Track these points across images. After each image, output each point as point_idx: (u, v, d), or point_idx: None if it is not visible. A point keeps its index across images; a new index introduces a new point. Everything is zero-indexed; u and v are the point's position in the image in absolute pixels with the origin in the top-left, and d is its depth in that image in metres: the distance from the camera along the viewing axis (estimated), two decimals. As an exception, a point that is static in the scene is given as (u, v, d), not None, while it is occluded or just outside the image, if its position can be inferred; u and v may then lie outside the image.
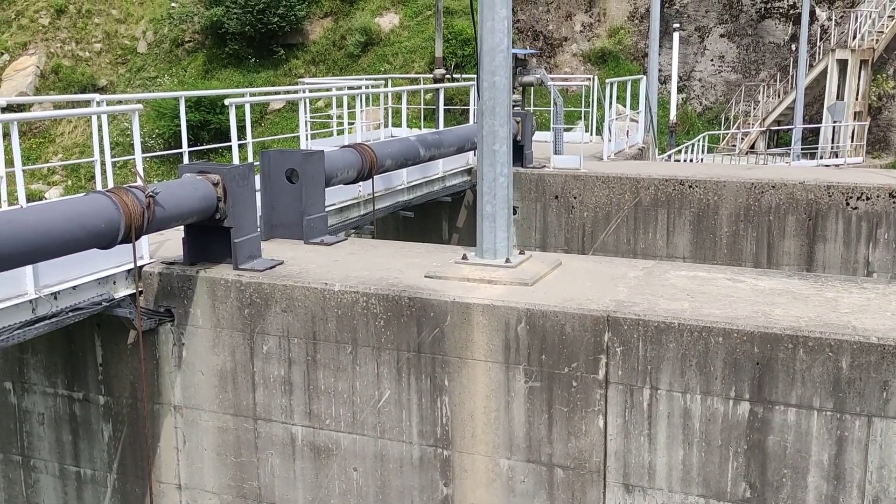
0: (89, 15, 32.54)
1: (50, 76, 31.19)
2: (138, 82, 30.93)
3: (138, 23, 32.62)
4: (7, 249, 5.97)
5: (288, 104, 28.62)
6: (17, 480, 8.85)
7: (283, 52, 30.18)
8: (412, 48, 29.15)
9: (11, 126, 7.26)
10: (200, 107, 26.68)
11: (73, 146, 29.91)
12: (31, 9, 32.64)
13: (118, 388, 8.28)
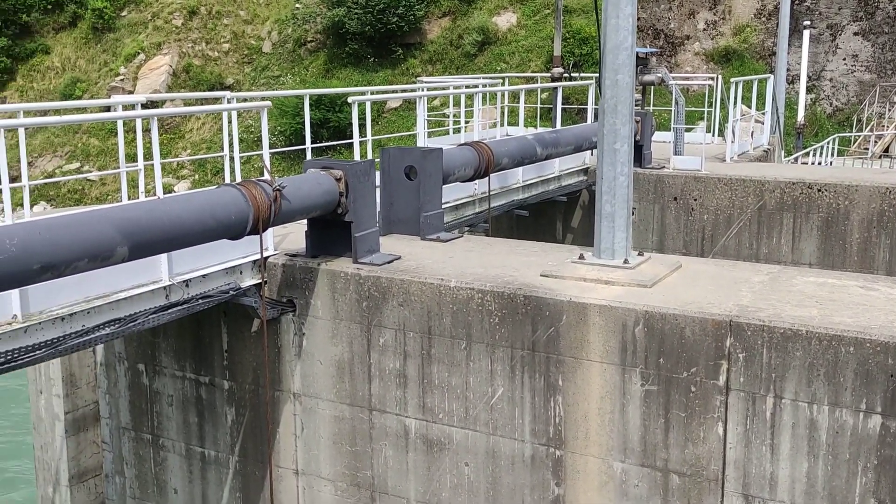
0: (219, 16, 33.89)
1: (181, 75, 32.65)
2: (262, 81, 32.01)
3: (264, 23, 33.76)
4: (146, 238, 6.29)
5: (404, 103, 29.05)
6: (147, 458, 9.33)
7: (401, 52, 30.63)
8: (529, 47, 29.08)
9: (152, 122, 7.66)
10: (321, 105, 27.38)
11: (201, 142, 31.22)
12: (165, 10, 34.27)
13: (241, 374, 8.61)
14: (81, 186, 31.39)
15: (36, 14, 34.95)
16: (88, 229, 5.95)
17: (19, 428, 15.46)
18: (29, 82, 34.47)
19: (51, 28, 35.45)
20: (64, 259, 5.73)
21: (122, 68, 33.01)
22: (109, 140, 31.99)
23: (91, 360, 9.80)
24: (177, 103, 28.51)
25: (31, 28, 35.30)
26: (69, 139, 32.75)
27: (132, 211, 6.35)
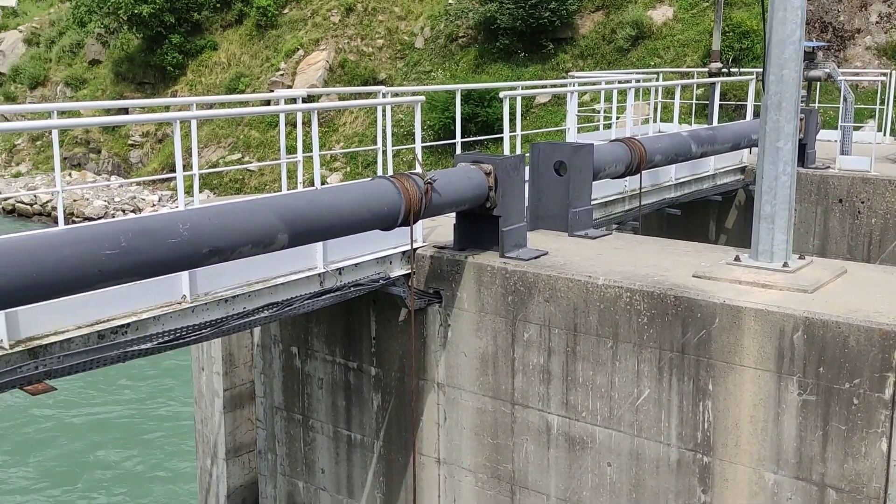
0: (374, 13, 34.78)
1: (337, 70, 33.74)
2: (413, 76, 32.61)
3: (417, 19, 34.36)
4: (305, 226, 6.55)
5: (553, 98, 28.85)
6: (297, 437, 9.72)
7: (551, 47, 30.43)
8: (685, 41, 28.23)
9: (312, 115, 7.96)
10: (470, 100, 27.60)
11: (354, 135, 32.16)
12: (324, 8, 35.49)
13: (388, 362, 8.83)
14: (242, 176, 33.00)
15: (206, 12, 36.99)
16: (253, 217, 6.26)
17: (183, 402, 16.47)
18: (198, 77, 36.54)
19: (219, 26, 37.43)
20: (230, 244, 6.05)
21: (282, 63, 34.45)
22: (268, 132, 33.46)
23: (249, 341, 10.31)
24: (332, 98, 29.50)
25: (201, 26, 37.40)
26: (232, 131, 34.49)
27: (293, 200, 6.63)
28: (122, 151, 37.63)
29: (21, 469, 14.18)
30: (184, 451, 14.53)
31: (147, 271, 5.80)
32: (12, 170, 39.52)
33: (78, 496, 13.45)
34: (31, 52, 42.87)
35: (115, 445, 15.10)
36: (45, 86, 41.73)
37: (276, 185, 30.48)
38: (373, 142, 30.12)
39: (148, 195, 34.19)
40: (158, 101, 8.88)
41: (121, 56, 38.13)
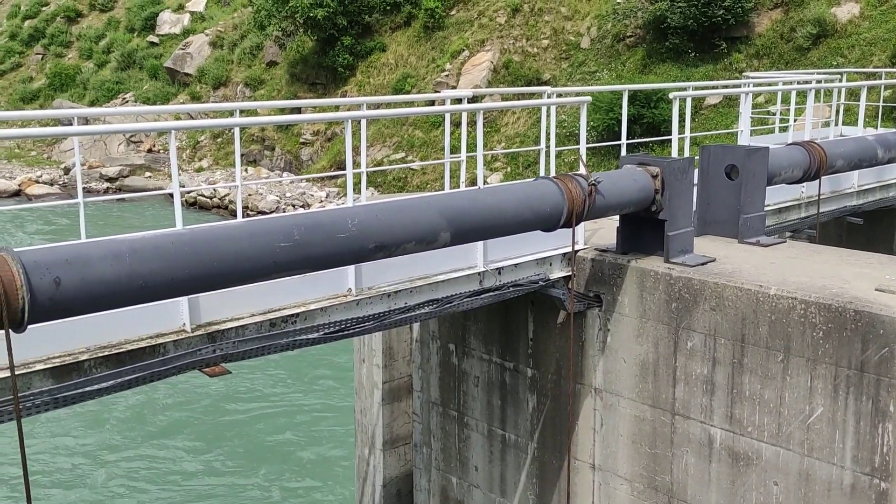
0: (540, 13, 34.69)
1: (501, 70, 33.91)
2: (578, 76, 32.28)
3: (584, 19, 33.99)
4: (467, 225, 6.61)
5: (724, 99, 27.78)
6: (452, 433, 9.85)
7: (724, 46, 29.31)
8: (872, 40, 26.46)
9: (477, 115, 8.02)
10: (635, 101, 27.03)
11: (515, 136, 32.21)
12: (491, 9, 35.75)
13: (544, 364, 8.77)
14: (405, 175, 33.78)
15: (376, 15, 38.13)
16: (417, 214, 6.38)
17: (341, 394, 17.06)
18: (367, 78, 37.73)
19: (388, 28, 38.49)
20: (395, 240, 6.19)
21: (448, 64, 34.98)
22: (432, 132, 34.08)
23: (408, 335, 10.53)
24: (495, 98, 29.66)
25: (371, 28, 38.59)
26: (397, 130, 35.37)
27: (456, 199, 6.70)
28: (294, 149, 39.38)
29: (184, 450, 15.13)
30: (343, 440, 15.05)
31: (317, 264, 6.03)
32: (195, 165, 42.22)
33: (240, 478, 14.21)
34: (216, 54, 45.64)
35: (278, 431, 15.84)
36: (226, 86, 44.31)
37: (438, 184, 31.01)
38: (534, 142, 30.06)
39: (316, 191, 35.63)
40: (329, 101, 9.23)
41: (296, 58, 39.92)
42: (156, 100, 45.21)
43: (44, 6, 56.54)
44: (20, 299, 4.66)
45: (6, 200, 39.72)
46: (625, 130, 10.16)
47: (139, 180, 41.38)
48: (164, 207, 37.19)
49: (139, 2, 52.14)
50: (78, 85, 50.19)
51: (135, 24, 50.89)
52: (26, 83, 52.09)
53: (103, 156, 43.42)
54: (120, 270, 5.06)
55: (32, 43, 54.29)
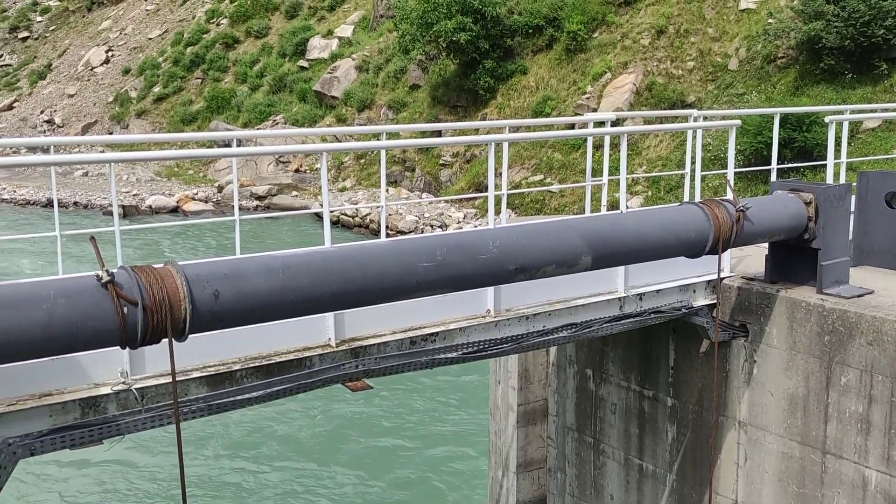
0: (686, 34, 33.98)
1: (644, 93, 33.38)
2: (725, 99, 31.35)
3: (732, 40, 33.03)
4: (609, 249, 6.54)
5: (883, 123, 26.29)
6: (587, 460, 9.71)
7: (885, 67, 27.77)
8: None
9: (621, 138, 7.95)
10: (786, 124, 25.98)
11: (657, 159, 31.58)
12: (634, 31, 35.32)
13: (686, 394, 8.53)
14: (542, 197, 33.71)
15: (518, 38, 38.39)
16: (558, 237, 6.36)
17: (477, 413, 17.12)
18: (507, 100, 37.99)
19: (529, 50, 38.67)
20: (536, 263, 6.20)
21: (589, 87, 34.76)
22: (571, 154, 33.89)
23: (544, 359, 10.48)
24: (637, 121, 29.23)
25: (513, 51, 38.88)
26: (535, 152, 35.38)
27: (598, 223, 6.65)
28: (434, 170, 40.05)
29: (319, 465, 15.53)
30: (475, 460, 15.09)
31: (458, 284, 6.11)
32: (339, 185, 43.63)
33: (370, 493, 14.47)
34: (361, 77, 47.13)
35: (410, 448, 16.06)
36: (370, 108, 45.64)
37: (577, 206, 30.77)
38: (677, 166, 29.38)
39: (454, 212, 36.08)
40: (471, 124, 9.39)
41: (438, 81, 40.67)
42: (304, 122, 47.09)
43: (204, 34, 60.05)
44: (183, 310, 4.96)
45: (166, 216, 42.25)
46: (775, 155, 9.80)
47: (286, 198, 43.12)
48: (309, 224, 38.60)
49: (291, 28, 54.56)
50: (233, 107, 52.92)
51: (286, 50, 53.25)
52: (186, 106, 55.36)
53: (254, 175, 45.55)
54: (273, 285, 5.30)
55: (193, 68, 57.70)
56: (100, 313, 4.72)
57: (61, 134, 58.98)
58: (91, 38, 69.08)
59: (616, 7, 37.02)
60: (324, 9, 55.67)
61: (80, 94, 62.72)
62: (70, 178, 49.45)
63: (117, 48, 65.91)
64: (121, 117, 57.66)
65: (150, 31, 65.76)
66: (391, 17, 46.84)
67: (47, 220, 39.83)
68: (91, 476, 14.82)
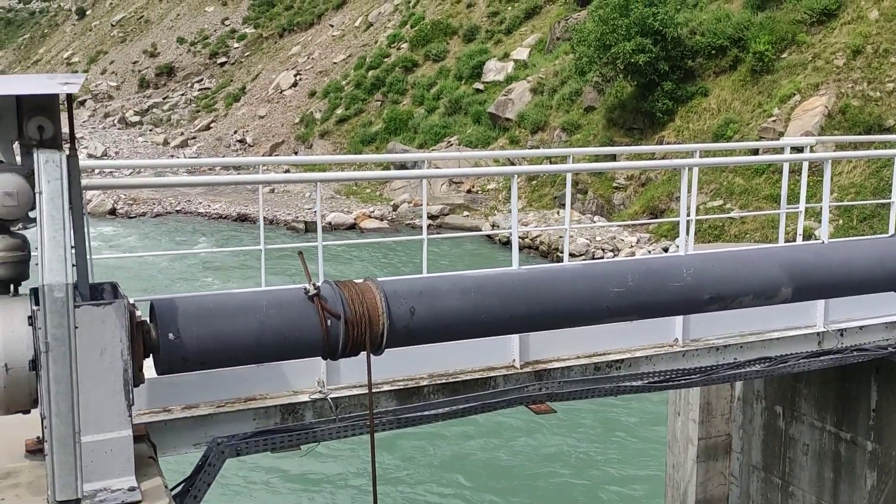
0: (885, 54, 31.89)
1: (836, 116, 31.56)
2: (928, 123, 29.13)
3: (937, 60, 30.70)
4: (811, 281, 6.21)
5: None
6: (773, 501, 9.21)
7: None
8: None
9: (825, 165, 7.54)
10: None
11: (850, 186, 29.74)
12: (827, 51, 33.51)
13: (889, 438, 7.93)
14: (721, 223, 32.51)
15: (700, 59, 37.35)
16: (757, 267, 6.11)
17: (651, 442, 16.65)
18: (685, 123, 36.97)
19: (711, 72, 37.50)
20: (732, 293, 5.98)
21: (776, 109, 33.26)
22: (754, 180, 32.48)
23: (728, 392, 10.06)
24: (828, 146, 27.66)
25: (693, 73, 37.84)
26: (715, 177, 34.18)
27: (801, 253, 6.34)
28: (607, 193, 39.54)
29: (487, 486, 15.54)
30: (650, 493, 14.66)
31: (647, 311, 5.99)
32: (510, 206, 43.90)
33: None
34: (536, 99, 47.32)
35: (581, 475, 15.80)
36: (544, 130, 45.70)
37: (758, 234, 29.44)
38: (872, 194, 27.55)
39: (627, 236, 35.42)
40: (647, 148, 9.19)
41: (614, 103, 40.21)
42: (477, 143, 47.80)
43: (385, 58, 62.31)
44: (381, 325, 5.14)
45: (343, 232, 44.01)
46: None
47: (458, 218, 43.85)
48: (478, 244, 39.03)
49: (468, 52, 55.64)
50: (409, 129, 54.51)
51: (463, 73, 54.33)
52: (366, 127, 57.56)
53: (427, 195, 46.78)
54: (465, 304, 5.39)
55: (374, 91, 59.95)
56: (306, 324, 4.97)
57: (252, 153, 62.78)
58: (281, 63, 73.30)
59: (808, 26, 35.27)
60: (501, 32, 56.42)
61: (270, 116, 66.59)
62: (257, 195, 52.52)
63: (305, 72, 69.57)
64: (305, 137, 60.67)
65: (336, 55, 68.99)
66: (568, 40, 46.84)
67: (234, 233, 42.37)
68: (274, 483, 15.55)
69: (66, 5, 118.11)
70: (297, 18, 78.81)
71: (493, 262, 32.10)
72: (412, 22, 64.13)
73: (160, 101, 77.85)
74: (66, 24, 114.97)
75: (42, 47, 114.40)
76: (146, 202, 49.33)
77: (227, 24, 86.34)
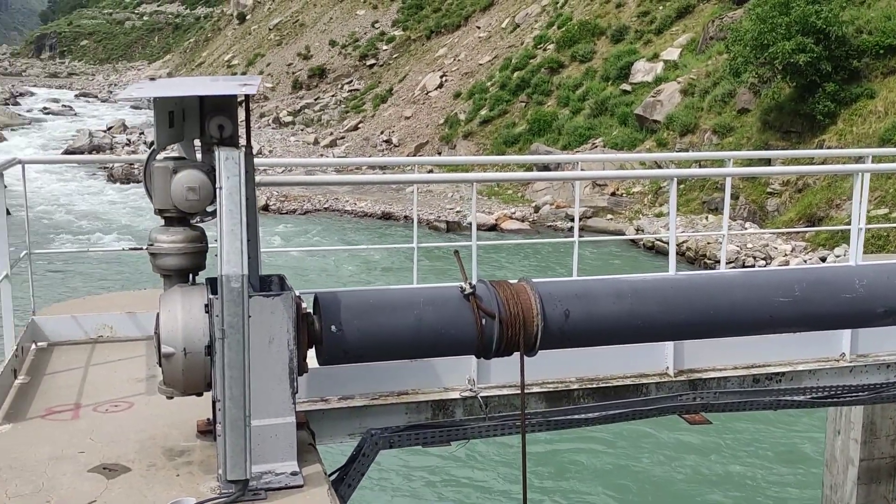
0: None
1: None
2: None
3: None
4: None
5: None
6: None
7: None
8: None
9: None
10: None
11: None
12: None
13: None
14: (886, 234, 30.62)
15: (867, 59, 35.27)
16: (939, 280, 5.70)
17: (805, 459, 15.89)
18: (849, 126, 34.99)
19: (879, 73, 35.34)
20: (909, 307, 5.61)
21: (950, 113, 31.03)
22: (929, 187, 30.43)
23: (893, 412, 9.45)
24: None
25: (859, 73, 35.78)
26: (880, 184, 32.23)
27: None
28: (760, 199, 37.98)
29: (633, 495, 15.20)
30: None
31: (814, 323, 5.71)
32: (655, 210, 42.89)
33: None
34: (686, 101, 46.00)
35: (730, 491, 15.24)
36: (693, 133, 44.38)
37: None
38: None
39: (780, 244, 33.91)
40: (806, 152, 8.76)
41: (770, 105, 38.56)
42: (623, 145, 46.99)
43: (531, 59, 62.22)
44: (535, 326, 5.12)
45: (483, 233, 44.25)
46: None
47: (601, 222, 43.23)
48: (620, 248, 38.34)
49: (616, 52, 54.80)
50: (553, 130, 54.18)
51: (610, 74, 53.54)
52: (510, 128, 57.64)
53: (569, 197, 46.25)
54: (621, 309, 5.30)
55: (518, 92, 59.96)
56: (461, 322, 5.02)
57: (397, 153, 64.13)
58: (428, 65, 74.55)
59: None
60: (650, 32, 55.26)
61: (415, 117, 67.85)
62: (402, 194, 53.52)
63: (450, 73, 70.48)
64: (449, 138, 61.44)
65: (481, 57, 69.51)
66: (722, 39, 45.31)
67: (380, 231, 43.37)
68: (418, 480, 15.81)
69: (228, 11, 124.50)
70: (444, 20, 79.93)
71: (638, 268, 31.52)
72: (559, 23, 63.80)
73: (311, 102, 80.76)
74: (227, 28, 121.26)
75: (205, 51, 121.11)
76: (296, 199, 51.17)
77: (377, 27, 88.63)
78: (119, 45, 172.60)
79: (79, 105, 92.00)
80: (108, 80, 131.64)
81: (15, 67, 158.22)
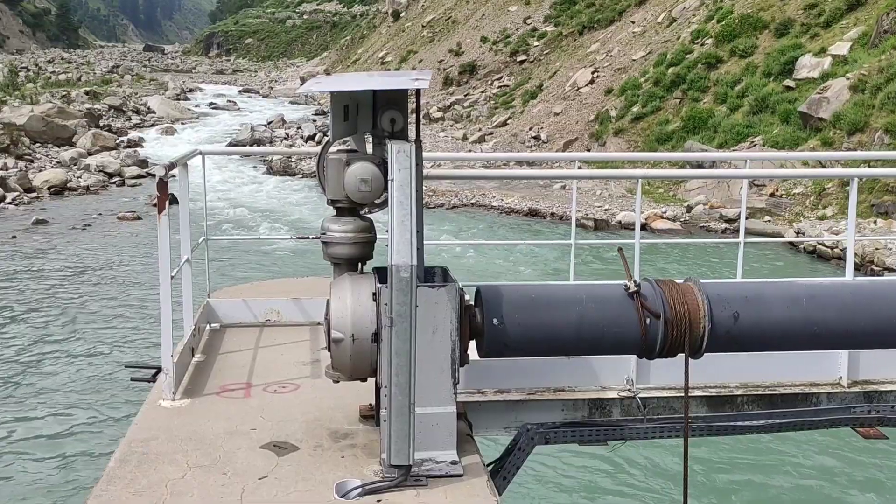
0: None
1: None
2: None
3: None
4: None
5: None
6: None
7: None
8: None
9: None
10: None
11: None
12: None
13: None
14: None
15: None
16: None
17: None
18: None
19: None
20: None
21: None
22: None
23: None
24: None
25: None
26: None
27: None
28: (936, 203, 35.37)
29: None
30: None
31: None
32: (818, 212, 40.75)
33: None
34: (855, 98, 43.39)
35: None
36: (863, 132, 41.87)
37: None
38: None
39: (959, 252, 31.45)
40: None
41: (950, 102, 35.84)
42: (784, 144, 44.86)
43: (687, 54, 60.39)
44: (701, 328, 4.97)
45: (632, 232, 43.34)
46: None
47: (758, 223, 41.44)
48: (778, 252, 36.66)
49: (780, 47, 52.38)
50: (709, 128, 52.39)
51: (772, 69, 51.23)
52: (662, 125, 56.17)
53: (725, 197, 44.57)
54: (794, 314, 5.07)
55: (673, 88, 58.33)
56: (624, 321, 4.94)
57: (545, 149, 63.80)
58: (579, 61, 73.73)
59: None
60: (818, 26, 52.48)
61: (565, 113, 67.25)
62: (549, 191, 53.22)
63: (602, 69, 69.41)
64: (599, 135, 60.53)
65: (635, 52, 68.07)
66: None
67: (526, 227, 43.29)
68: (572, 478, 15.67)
69: (383, 9, 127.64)
70: (598, 16, 78.82)
71: (799, 272, 30.09)
72: (719, 16, 61.56)
73: (461, 98, 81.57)
74: (382, 25, 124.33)
75: (361, 48, 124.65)
76: (444, 194, 51.87)
77: (529, 23, 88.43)
78: (280, 42, 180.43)
79: (242, 100, 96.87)
80: (269, 76, 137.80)
81: (185, 65, 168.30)
